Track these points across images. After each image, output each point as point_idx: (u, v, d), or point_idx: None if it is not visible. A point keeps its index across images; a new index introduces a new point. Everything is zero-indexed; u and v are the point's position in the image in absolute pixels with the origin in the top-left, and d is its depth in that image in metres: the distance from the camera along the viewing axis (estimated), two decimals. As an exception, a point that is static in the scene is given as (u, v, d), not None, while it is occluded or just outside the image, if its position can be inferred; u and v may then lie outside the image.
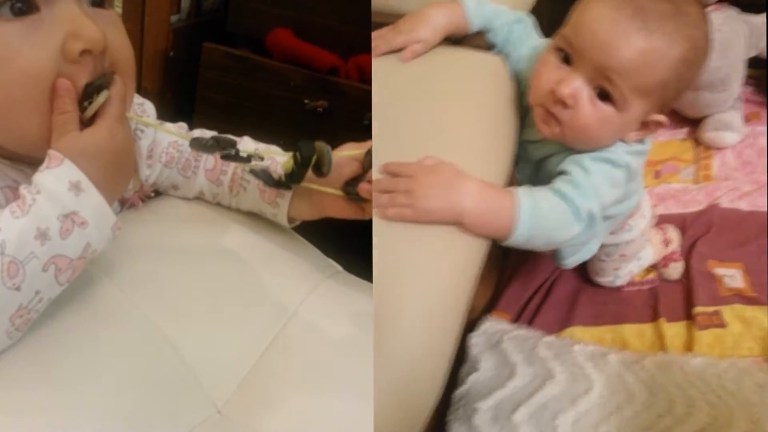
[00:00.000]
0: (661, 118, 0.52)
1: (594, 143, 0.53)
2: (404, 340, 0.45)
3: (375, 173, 0.48)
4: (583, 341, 0.81)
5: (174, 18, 1.09)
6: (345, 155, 0.46)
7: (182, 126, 0.56)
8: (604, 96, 0.50)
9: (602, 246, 0.69)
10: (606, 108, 0.50)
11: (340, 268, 0.54)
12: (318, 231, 0.53)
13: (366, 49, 0.61)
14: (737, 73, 0.83)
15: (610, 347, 0.81)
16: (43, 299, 0.38)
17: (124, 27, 0.43)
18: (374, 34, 0.60)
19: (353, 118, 0.90)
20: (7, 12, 0.36)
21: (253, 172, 0.46)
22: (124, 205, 0.53)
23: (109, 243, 0.41)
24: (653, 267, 0.84)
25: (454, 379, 0.80)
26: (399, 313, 0.45)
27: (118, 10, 1.04)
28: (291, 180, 0.46)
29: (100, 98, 0.39)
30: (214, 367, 0.44)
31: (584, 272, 0.88)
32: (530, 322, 0.85)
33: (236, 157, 0.45)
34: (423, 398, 0.48)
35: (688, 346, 0.77)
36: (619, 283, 0.82)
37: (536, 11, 0.67)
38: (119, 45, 0.42)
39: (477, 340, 0.83)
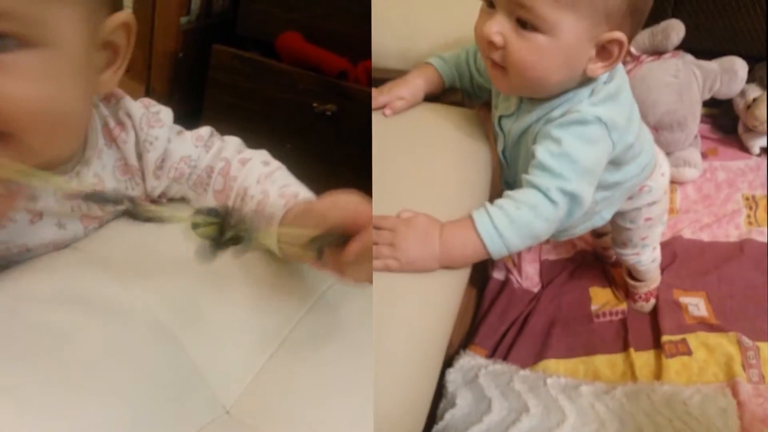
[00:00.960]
0: (617, 34, 0.48)
1: (545, 82, 0.51)
2: (387, 384, 0.48)
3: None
4: (557, 373, 0.85)
5: (183, 19, 1.09)
6: (294, 234, 0.43)
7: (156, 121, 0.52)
8: (526, 25, 0.48)
9: (624, 213, 0.69)
10: (535, 36, 0.48)
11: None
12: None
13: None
14: (693, 114, 0.91)
15: (583, 378, 0.86)
16: None
17: (34, 74, 0.38)
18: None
19: (361, 123, 0.86)
20: None
21: (194, 225, 0.42)
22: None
23: None
24: (626, 297, 0.90)
25: (433, 416, 0.84)
26: (384, 357, 0.48)
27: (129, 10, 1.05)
28: (208, 251, 0.41)
29: None
30: (221, 368, 0.45)
31: (558, 303, 0.94)
32: (505, 356, 0.89)
33: (134, 214, 0.42)
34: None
35: (657, 375, 0.82)
36: (643, 258, 0.78)
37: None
38: (7, 99, 0.37)
39: (454, 377, 0.87)
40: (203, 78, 1.06)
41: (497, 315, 0.93)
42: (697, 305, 0.87)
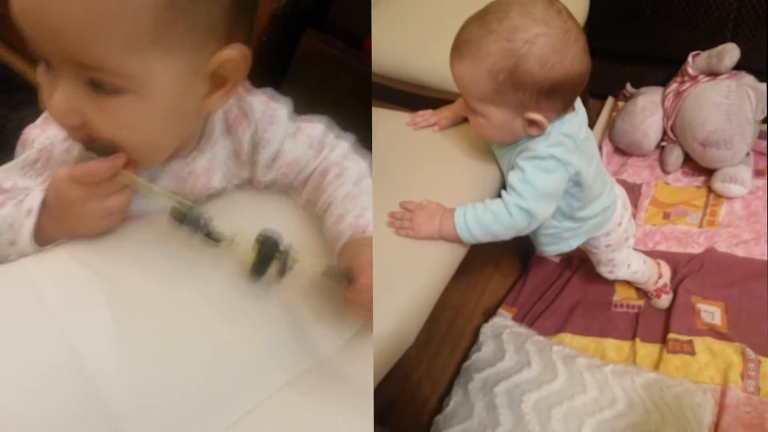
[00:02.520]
0: (534, 116, 0.62)
1: (494, 140, 0.70)
2: (399, 304, 0.66)
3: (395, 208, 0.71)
4: (570, 346, 0.99)
5: (273, 5, 1.08)
6: (309, 263, 0.49)
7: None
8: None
9: (587, 241, 0.82)
10: (477, 118, 0.66)
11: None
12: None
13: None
14: (742, 135, 0.91)
15: (591, 355, 0.99)
16: None
17: (124, 119, 0.42)
18: (420, 113, 0.86)
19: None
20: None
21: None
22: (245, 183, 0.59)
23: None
24: (644, 296, 0.98)
25: (465, 357, 1.07)
26: (394, 290, 0.66)
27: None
28: (253, 273, 0.47)
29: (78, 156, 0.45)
30: (323, 325, 0.52)
31: (585, 288, 1.05)
32: (532, 323, 1.06)
33: (208, 236, 0.45)
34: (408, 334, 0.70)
35: (656, 366, 0.90)
36: (620, 275, 0.90)
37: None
38: (92, 121, 0.42)
39: (485, 329, 1.07)
40: (285, 64, 1.05)
41: (534, 286, 1.08)
42: (712, 313, 0.91)
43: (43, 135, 0.51)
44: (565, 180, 0.68)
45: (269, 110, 0.55)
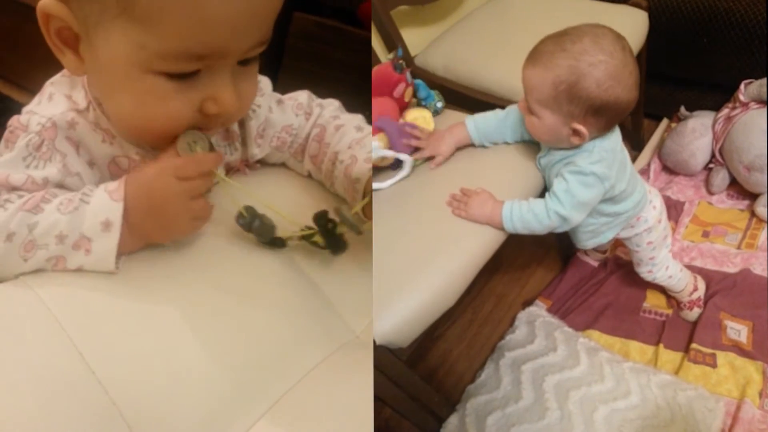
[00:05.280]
0: (578, 127, 0.66)
1: (543, 140, 0.73)
2: (446, 267, 0.70)
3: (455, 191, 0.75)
4: (593, 340, 1.00)
5: None
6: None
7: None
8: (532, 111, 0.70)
9: (630, 239, 0.84)
10: (532, 118, 0.70)
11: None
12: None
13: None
14: None
15: (613, 353, 0.98)
16: None
17: (257, 77, 0.43)
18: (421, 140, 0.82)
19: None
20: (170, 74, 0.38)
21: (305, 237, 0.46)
22: (230, 171, 0.54)
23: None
24: (675, 305, 0.96)
25: (502, 338, 1.11)
26: (443, 255, 0.71)
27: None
28: (333, 250, 0.48)
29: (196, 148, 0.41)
30: (352, 304, 0.52)
31: (618, 292, 1.04)
32: (564, 317, 1.07)
33: (272, 242, 0.45)
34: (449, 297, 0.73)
35: (676, 372, 0.88)
36: (658, 276, 0.88)
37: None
38: (243, 97, 0.42)
39: (521, 316, 1.10)
40: (280, 45, 0.95)
41: (572, 283, 1.08)
42: (738, 331, 0.88)
43: (36, 116, 0.44)
44: (601, 194, 0.72)
45: None
